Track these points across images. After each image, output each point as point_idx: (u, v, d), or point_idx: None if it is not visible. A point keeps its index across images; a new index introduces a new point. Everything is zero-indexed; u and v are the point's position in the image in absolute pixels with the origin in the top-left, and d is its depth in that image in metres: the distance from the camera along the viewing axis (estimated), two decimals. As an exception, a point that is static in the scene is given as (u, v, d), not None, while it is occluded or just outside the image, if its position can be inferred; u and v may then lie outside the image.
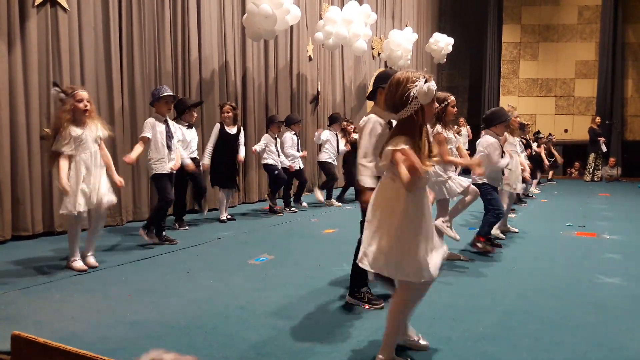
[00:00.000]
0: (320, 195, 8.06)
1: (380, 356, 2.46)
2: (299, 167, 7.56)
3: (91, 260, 4.20)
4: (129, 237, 5.44)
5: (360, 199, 3.07)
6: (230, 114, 6.40)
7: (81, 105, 3.99)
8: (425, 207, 2.41)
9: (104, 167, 4.18)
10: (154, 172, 5.00)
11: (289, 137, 7.49)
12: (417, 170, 2.23)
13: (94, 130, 4.08)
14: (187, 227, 5.98)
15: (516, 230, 6.07)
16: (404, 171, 2.27)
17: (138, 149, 4.93)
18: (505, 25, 16.10)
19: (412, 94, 2.26)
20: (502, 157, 4.93)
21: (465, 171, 5.85)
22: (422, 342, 2.71)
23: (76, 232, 4.10)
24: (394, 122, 3.67)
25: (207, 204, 6.65)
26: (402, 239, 2.33)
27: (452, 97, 4.34)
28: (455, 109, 4.39)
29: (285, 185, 7.38)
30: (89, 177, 4.02)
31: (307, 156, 8.15)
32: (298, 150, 7.56)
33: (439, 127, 4.33)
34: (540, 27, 15.93)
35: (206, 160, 6.30)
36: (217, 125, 6.42)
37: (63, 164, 3.93)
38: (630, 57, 15.11)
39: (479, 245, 4.82)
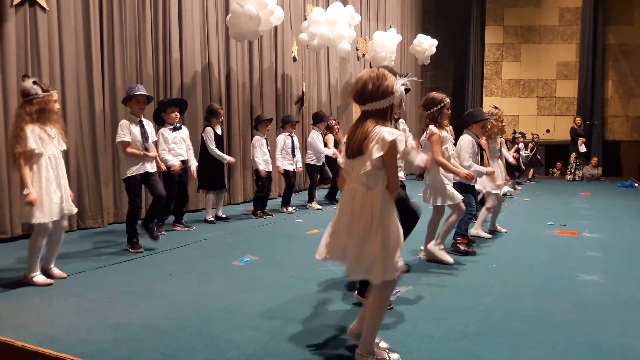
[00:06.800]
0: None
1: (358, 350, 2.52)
2: (293, 170, 7.46)
3: (56, 271, 3.92)
4: (109, 239, 5.38)
5: None
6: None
7: (56, 106, 3.80)
8: None
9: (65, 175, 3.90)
10: (126, 175, 4.77)
11: (282, 138, 7.42)
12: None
13: (57, 136, 3.85)
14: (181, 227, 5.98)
15: (504, 230, 6.03)
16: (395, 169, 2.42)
17: (129, 154, 4.74)
18: (488, 27, 16.26)
19: (392, 90, 2.42)
20: (479, 158, 4.91)
21: None
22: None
23: (42, 244, 3.75)
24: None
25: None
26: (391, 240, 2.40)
27: (448, 99, 4.41)
28: (450, 111, 4.45)
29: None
30: (58, 182, 3.77)
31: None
32: (293, 152, 7.43)
33: (432, 127, 4.33)
34: (523, 29, 16.12)
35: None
36: (210, 130, 6.36)
37: (27, 168, 3.61)
38: (611, 59, 15.36)
39: (461, 247, 4.82)
